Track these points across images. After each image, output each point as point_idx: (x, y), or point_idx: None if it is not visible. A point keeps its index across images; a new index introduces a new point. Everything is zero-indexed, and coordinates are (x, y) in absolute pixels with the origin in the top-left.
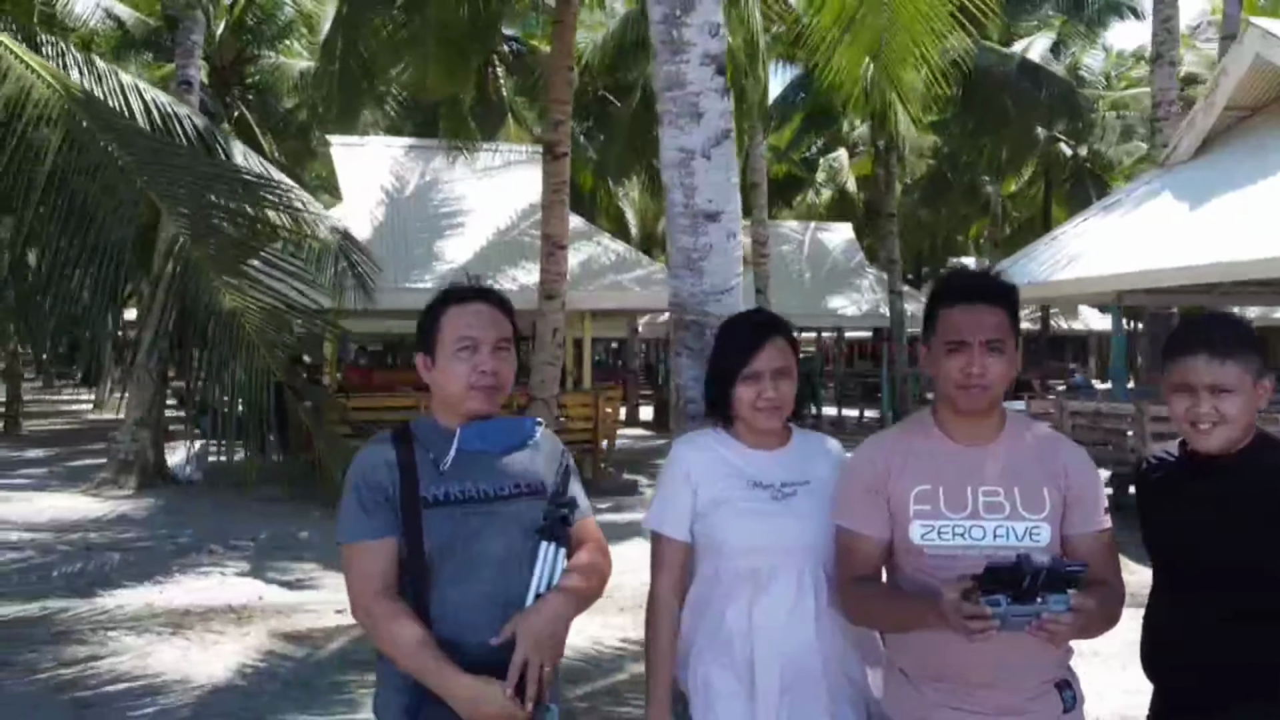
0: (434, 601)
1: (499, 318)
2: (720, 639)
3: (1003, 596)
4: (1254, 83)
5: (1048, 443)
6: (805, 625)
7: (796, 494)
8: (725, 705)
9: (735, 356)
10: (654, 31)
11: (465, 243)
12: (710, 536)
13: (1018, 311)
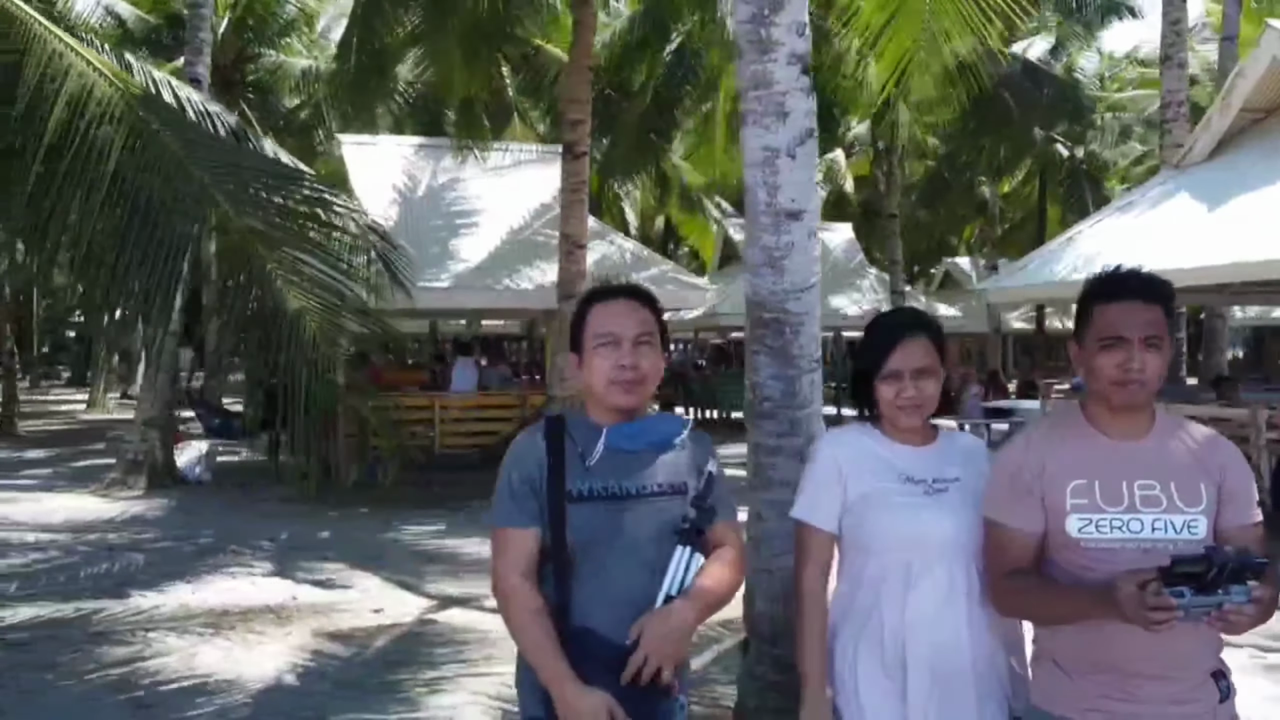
0: (574, 592)
1: (641, 312)
2: (870, 633)
3: (1186, 588)
4: (1270, 84)
5: (1202, 439)
6: (956, 621)
7: (949, 490)
8: (875, 700)
9: (876, 354)
10: (740, 31)
11: (479, 242)
12: (861, 530)
13: (1173, 309)
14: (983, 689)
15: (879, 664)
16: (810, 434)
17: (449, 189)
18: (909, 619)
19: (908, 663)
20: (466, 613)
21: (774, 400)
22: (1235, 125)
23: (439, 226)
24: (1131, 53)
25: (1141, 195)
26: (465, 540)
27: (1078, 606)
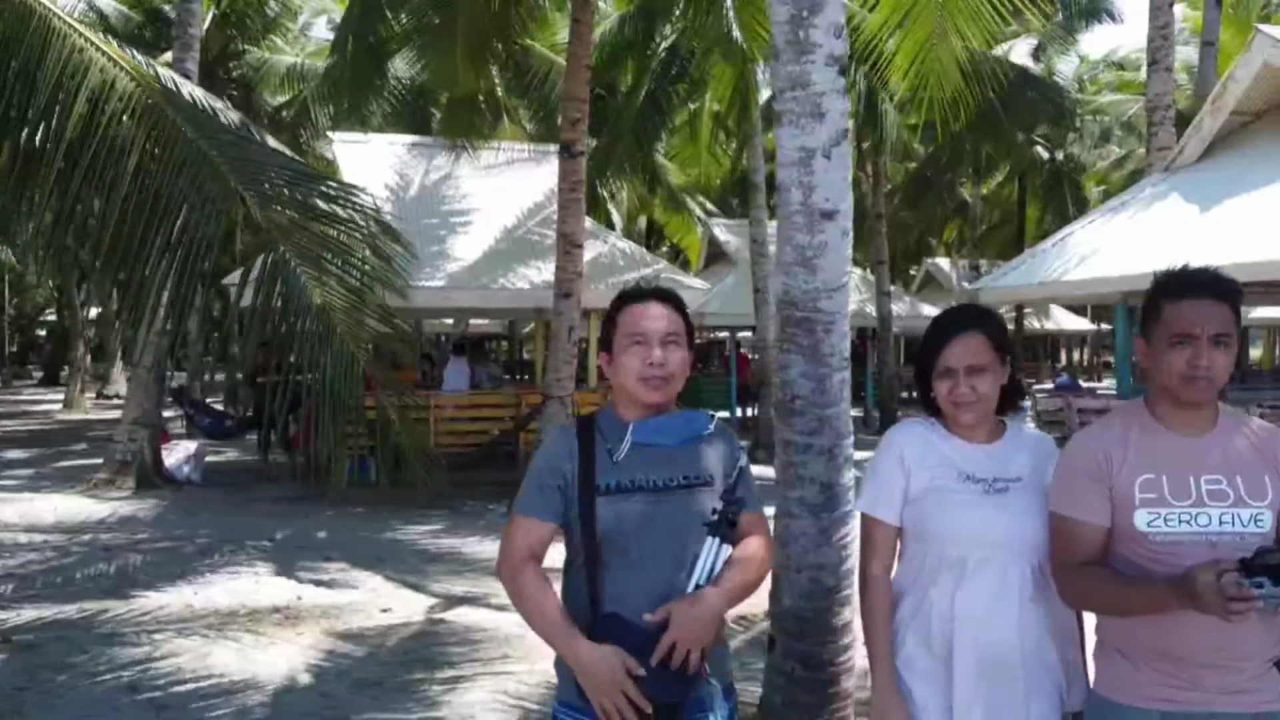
0: (604, 583)
1: (670, 314)
2: (920, 620)
3: (1266, 579)
4: (1260, 88)
5: (1264, 433)
6: (1007, 617)
7: (1009, 490)
8: (922, 684)
9: (931, 351)
10: (778, 32)
11: (473, 241)
12: (920, 523)
13: (1240, 305)
14: (1031, 683)
15: (928, 647)
16: (838, 432)
17: (441, 188)
18: (958, 612)
19: (954, 653)
20: (476, 611)
21: (804, 398)
22: (1225, 128)
23: (432, 225)
24: (1108, 56)
25: (1134, 196)
26: (466, 539)
27: (1152, 598)
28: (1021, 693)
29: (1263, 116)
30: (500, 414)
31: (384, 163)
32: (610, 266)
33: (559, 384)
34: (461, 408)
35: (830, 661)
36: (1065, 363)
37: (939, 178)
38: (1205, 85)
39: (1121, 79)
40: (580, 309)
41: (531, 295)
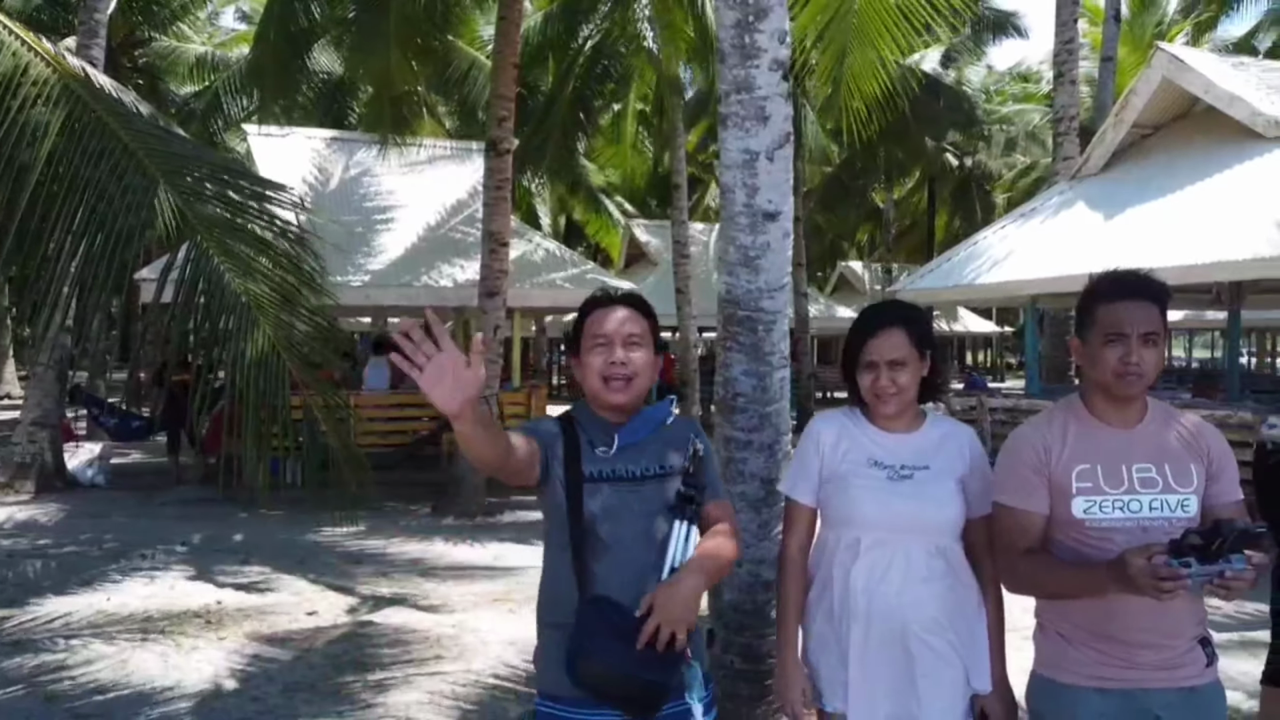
0: (590, 563)
1: (634, 316)
2: (825, 598)
3: (1192, 559)
4: (1159, 102)
5: (1191, 424)
6: (897, 597)
7: (914, 476)
8: (827, 660)
9: (855, 345)
10: (724, 36)
11: (396, 238)
12: (828, 504)
13: (1167, 306)
14: (926, 663)
15: (830, 627)
16: (778, 429)
17: (362, 184)
18: (852, 591)
19: (850, 631)
20: (404, 612)
21: (746, 395)
22: (1127, 139)
23: (352, 222)
24: (1014, 68)
25: (1042, 204)
26: (389, 540)
27: (1089, 581)
28: (916, 672)
29: (1161, 129)
30: (422, 414)
31: (302, 157)
32: (535, 265)
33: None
34: (382, 407)
35: (770, 654)
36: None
37: (853, 183)
38: (1105, 99)
39: (1026, 90)
40: (505, 308)
41: (455, 294)
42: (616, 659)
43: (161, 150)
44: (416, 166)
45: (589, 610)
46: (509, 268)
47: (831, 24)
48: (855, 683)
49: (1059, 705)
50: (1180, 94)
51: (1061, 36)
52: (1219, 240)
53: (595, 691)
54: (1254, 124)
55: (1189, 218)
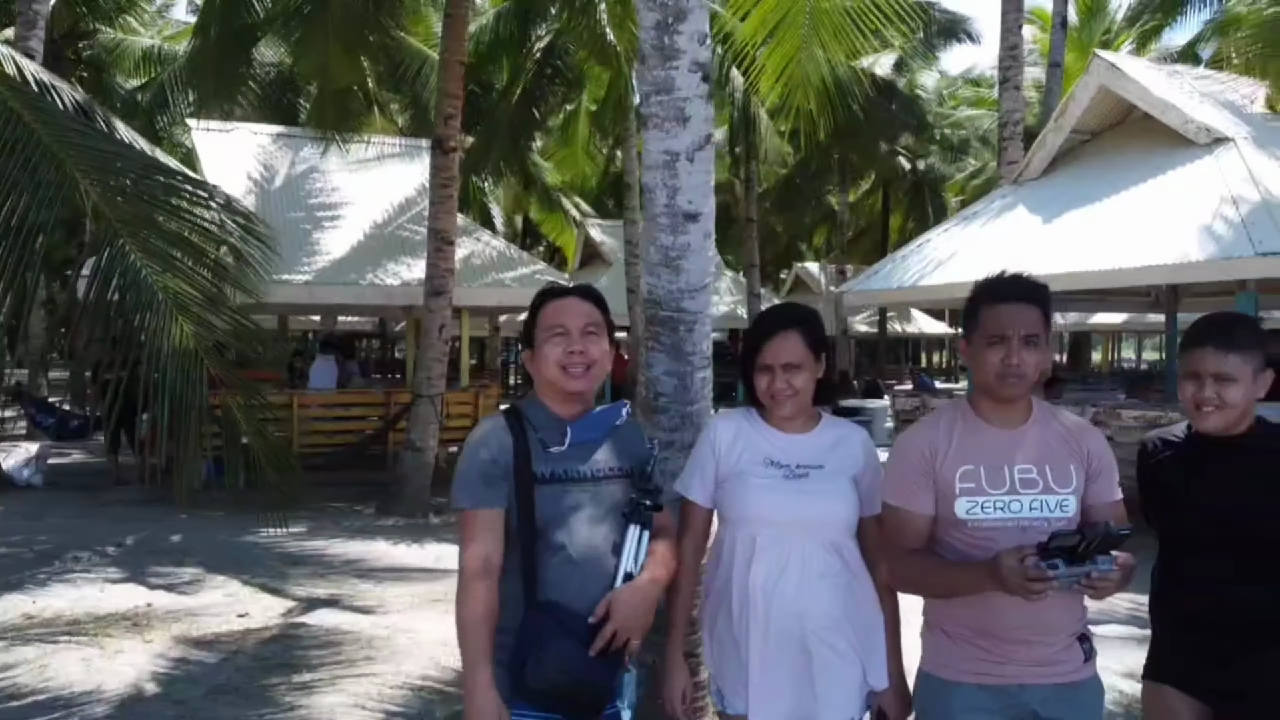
0: (539, 567)
1: (587, 306)
2: (725, 597)
3: (1060, 560)
4: (1098, 108)
5: (1072, 426)
6: (793, 594)
7: (809, 476)
8: (727, 658)
9: (752, 347)
10: (645, 37)
11: (342, 235)
12: (725, 504)
13: (1050, 310)
14: (822, 659)
15: (729, 625)
16: (700, 428)
17: (308, 181)
18: (750, 586)
19: (748, 628)
20: (338, 614)
21: (667, 395)
22: (1067, 145)
23: (298, 219)
24: (967, 73)
25: (985, 207)
26: (331, 541)
27: (968, 580)
28: (814, 666)
29: (1100, 135)
30: (369, 413)
31: (247, 153)
32: (484, 265)
33: (429, 383)
34: (328, 406)
35: (690, 653)
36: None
37: (808, 185)
38: (1052, 104)
39: (979, 95)
40: (452, 307)
41: (402, 292)
42: (570, 663)
43: (82, 145)
44: (365, 163)
45: (540, 615)
46: (455, 266)
47: (781, 26)
48: (755, 683)
49: (941, 701)
50: (1117, 101)
51: (1006, 42)
52: (1152, 243)
53: (544, 695)
54: (1186, 131)
55: (1124, 221)
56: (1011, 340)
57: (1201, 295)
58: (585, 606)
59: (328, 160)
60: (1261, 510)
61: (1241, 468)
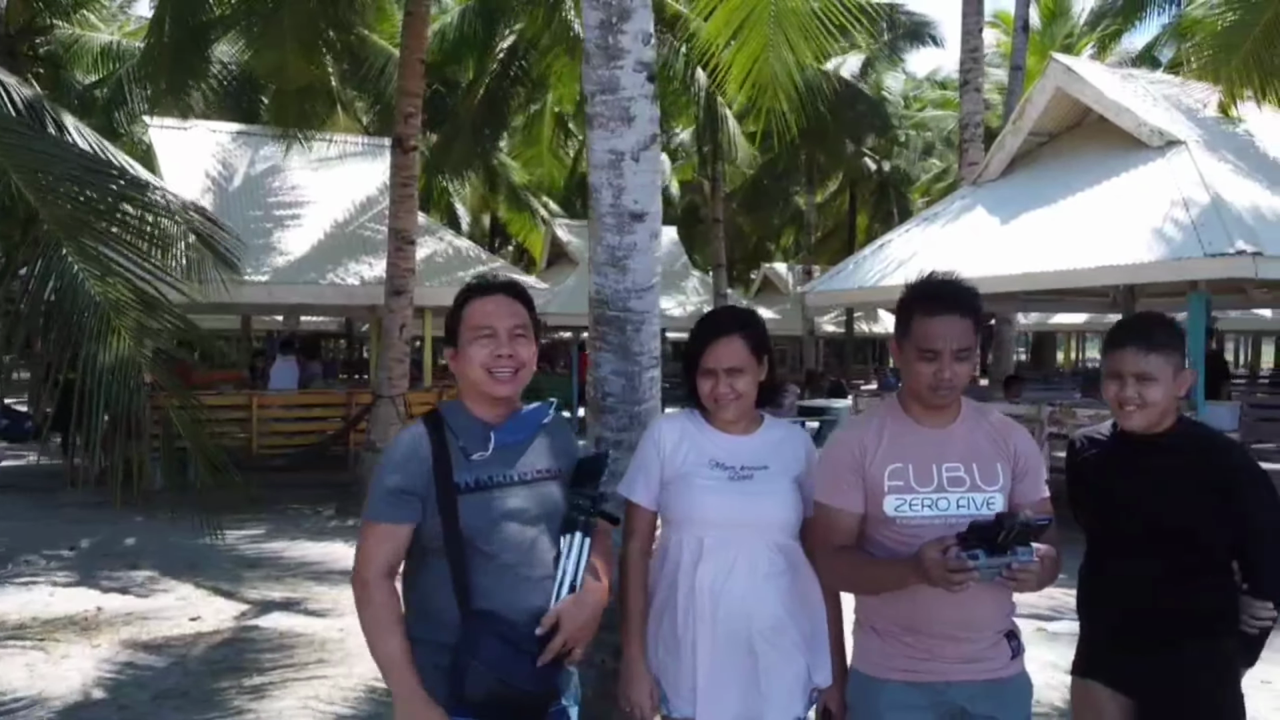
0: (471, 577)
1: (517, 307)
2: (671, 599)
3: (980, 551)
4: (1054, 111)
5: (999, 425)
6: (742, 594)
7: (753, 477)
8: (674, 661)
9: (695, 351)
10: (589, 37)
11: (303, 234)
12: (670, 506)
13: (980, 315)
14: (770, 658)
15: (674, 628)
16: (648, 428)
17: (268, 179)
18: (697, 590)
19: (696, 630)
20: (292, 616)
21: (615, 395)
22: (1025, 147)
23: (257, 218)
24: (932, 75)
25: (944, 208)
26: (289, 544)
27: (894, 575)
28: (760, 666)
29: (1057, 137)
30: (330, 414)
31: (205, 151)
32: (446, 264)
33: (391, 383)
34: (288, 407)
35: None
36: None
37: (775, 185)
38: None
39: (943, 97)
40: (413, 306)
41: (364, 292)
42: (509, 674)
43: (18, 146)
44: (327, 162)
45: (476, 624)
46: (416, 266)
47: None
48: (704, 685)
49: (870, 698)
50: (1073, 103)
51: (967, 45)
52: (1106, 245)
53: (483, 707)
54: (1139, 133)
55: (1080, 223)
56: (943, 355)
57: (1156, 296)
58: (522, 613)
59: (289, 159)
60: (1179, 509)
61: (1162, 466)
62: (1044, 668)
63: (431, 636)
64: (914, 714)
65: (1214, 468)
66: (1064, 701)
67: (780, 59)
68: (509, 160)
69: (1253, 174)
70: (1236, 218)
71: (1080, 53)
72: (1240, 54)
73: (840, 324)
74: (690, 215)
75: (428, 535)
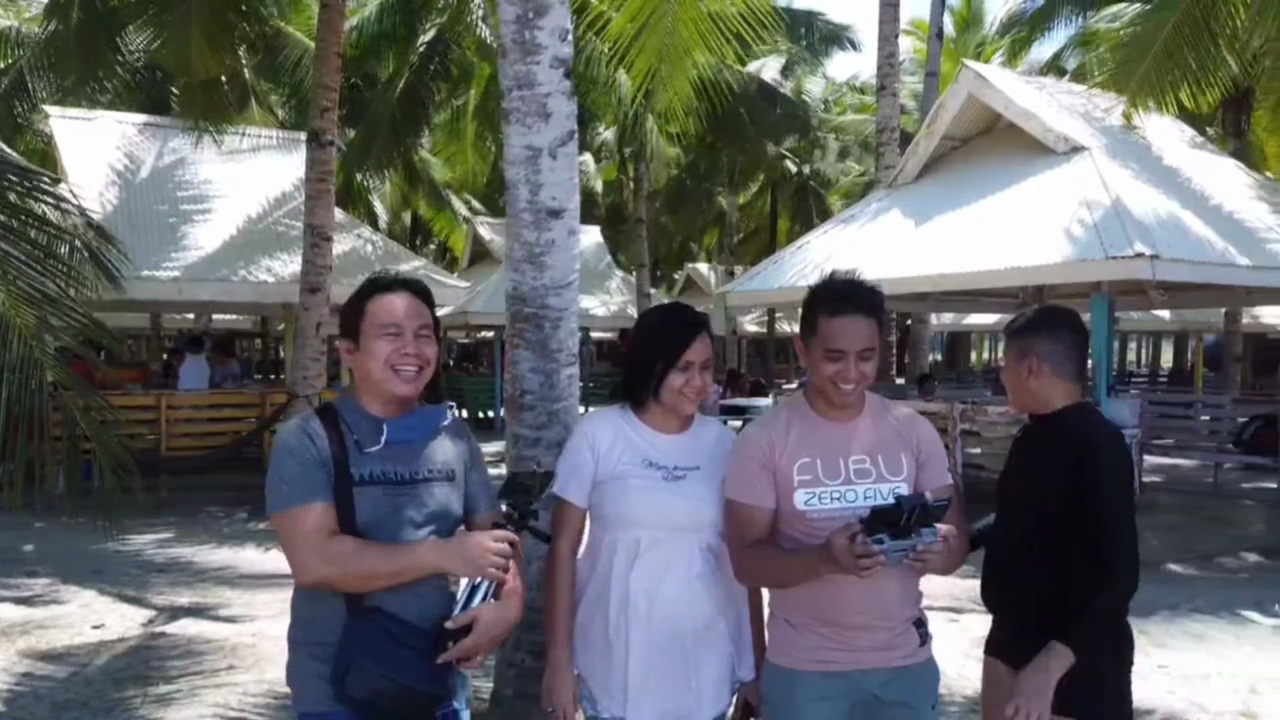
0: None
1: (421, 306)
2: (603, 600)
3: (885, 535)
4: (967, 116)
5: (903, 417)
6: (677, 594)
7: (686, 477)
8: (603, 662)
9: (670, 347)
10: (505, 31)
11: (214, 230)
12: (603, 505)
13: (884, 315)
14: (701, 655)
15: (606, 622)
16: (567, 426)
17: (178, 172)
18: (633, 591)
19: (629, 630)
20: (201, 622)
21: (533, 393)
22: (938, 151)
23: (165, 212)
24: (851, 80)
25: (862, 210)
26: (198, 548)
27: (805, 566)
28: (692, 664)
29: (969, 142)
30: (243, 414)
31: (111, 143)
32: (365, 261)
33: (306, 382)
34: (199, 408)
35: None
36: None
37: (697, 186)
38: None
39: (862, 102)
40: (330, 304)
41: (278, 290)
42: (397, 672)
43: None
44: (239, 155)
45: (364, 622)
46: (333, 263)
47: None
48: (635, 685)
49: (786, 689)
50: (984, 109)
51: (884, 51)
52: (1015, 247)
53: (367, 706)
54: (1046, 139)
55: (991, 225)
56: (849, 355)
57: (1064, 297)
58: (413, 612)
59: (199, 151)
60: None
61: (1038, 442)
62: (956, 656)
63: (318, 638)
64: (829, 704)
65: (1074, 449)
66: (974, 690)
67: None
68: (430, 157)
69: (1151, 180)
70: (1136, 222)
71: (991, 60)
72: (1142, 67)
73: (762, 324)
74: (614, 215)
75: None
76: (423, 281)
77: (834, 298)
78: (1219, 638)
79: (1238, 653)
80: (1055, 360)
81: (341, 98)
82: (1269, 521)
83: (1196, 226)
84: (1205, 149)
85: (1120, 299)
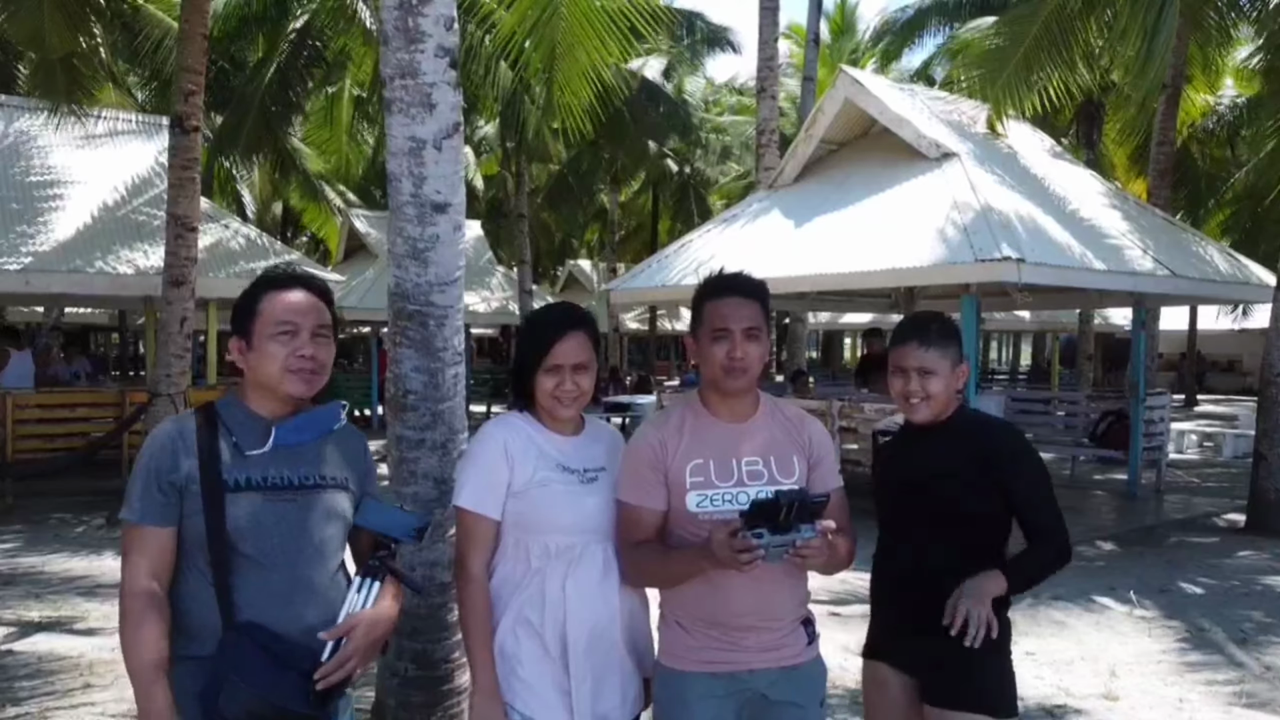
0: (236, 585)
1: (319, 305)
2: (534, 612)
3: (764, 530)
4: (843, 121)
5: (795, 419)
6: (610, 597)
7: (598, 479)
8: (537, 675)
9: (538, 348)
10: (388, 18)
11: (66, 218)
12: (525, 515)
13: (768, 304)
14: (619, 656)
15: (538, 636)
16: (452, 427)
17: (24, 155)
18: (569, 596)
19: (568, 638)
20: (56, 638)
21: (417, 393)
22: (817, 154)
23: (7, 198)
24: (731, 81)
25: (743, 210)
26: (50, 557)
27: (689, 564)
28: (617, 664)
29: (846, 145)
30: (100, 414)
31: None
32: (232, 254)
33: (169, 380)
34: (48, 407)
35: (445, 659)
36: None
37: (579, 183)
38: (806, 115)
39: (741, 103)
40: (195, 298)
41: (138, 282)
42: (272, 691)
43: None
44: (94, 140)
45: (238, 637)
46: (198, 255)
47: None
48: (576, 688)
49: (674, 691)
50: (860, 114)
51: (764, 54)
52: (888, 249)
53: None
54: (918, 145)
55: (866, 228)
56: (734, 334)
57: (934, 298)
58: (292, 627)
59: (48, 135)
60: (956, 490)
61: (941, 452)
62: (837, 650)
63: (191, 653)
64: (718, 703)
65: (981, 445)
66: (855, 683)
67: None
68: (302, 146)
69: (1016, 186)
70: (1003, 226)
71: (864, 67)
72: (1004, 76)
73: (644, 321)
74: (495, 210)
75: (189, 538)
76: (321, 278)
77: (719, 285)
78: (1078, 624)
79: (1097, 637)
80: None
81: (207, 82)
82: (1120, 512)
83: (1057, 232)
84: (1063, 158)
85: (985, 300)
